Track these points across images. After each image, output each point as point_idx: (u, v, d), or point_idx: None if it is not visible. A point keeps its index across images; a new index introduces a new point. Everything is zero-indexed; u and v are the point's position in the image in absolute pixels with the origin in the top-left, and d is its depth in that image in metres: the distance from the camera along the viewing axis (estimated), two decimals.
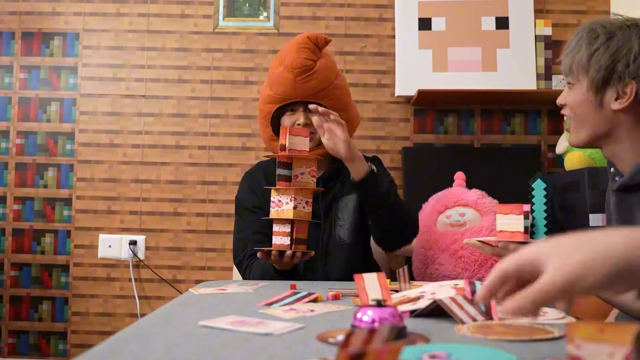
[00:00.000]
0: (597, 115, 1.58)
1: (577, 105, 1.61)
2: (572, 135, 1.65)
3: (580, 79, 1.59)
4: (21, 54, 3.31)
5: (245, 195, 2.39)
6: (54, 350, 3.19)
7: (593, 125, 1.59)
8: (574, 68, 1.60)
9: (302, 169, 2.01)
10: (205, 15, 3.32)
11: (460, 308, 1.18)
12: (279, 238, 1.98)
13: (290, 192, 1.97)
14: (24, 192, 3.26)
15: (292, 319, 1.20)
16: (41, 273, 3.22)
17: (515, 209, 1.66)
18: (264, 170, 2.42)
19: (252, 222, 2.30)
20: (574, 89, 1.62)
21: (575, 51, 1.61)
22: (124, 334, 1.06)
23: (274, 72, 2.27)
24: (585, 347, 0.68)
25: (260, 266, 2.14)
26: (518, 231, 1.65)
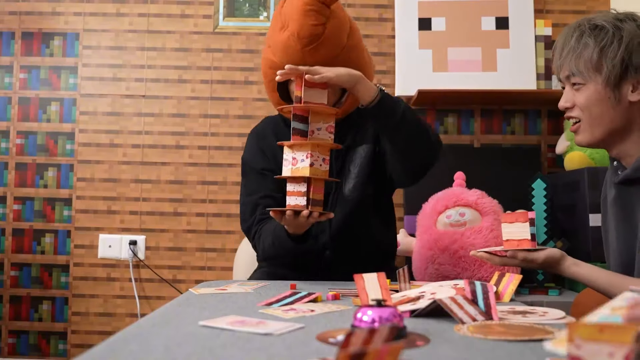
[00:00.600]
0: (614, 111, 1.56)
1: (592, 105, 1.58)
2: (584, 135, 1.62)
3: (591, 77, 1.57)
4: (21, 54, 3.31)
5: (253, 157, 2.23)
6: (54, 350, 3.19)
7: (610, 122, 1.57)
8: (582, 67, 1.57)
9: (318, 124, 1.84)
10: (206, 15, 3.32)
11: (460, 308, 1.18)
12: (294, 198, 1.81)
13: (307, 148, 1.80)
14: (24, 192, 3.26)
15: (292, 319, 1.21)
16: (41, 273, 3.22)
17: (520, 216, 1.64)
18: (273, 127, 2.25)
19: (261, 186, 2.15)
20: (583, 89, 1.58)
21: (580, 50, 1.57)
22: (124, 334, 1.06)
23: (278, 37, 2.01)
24: (585, 347, 0.68)
25: (271, 231, 2.01)
26: (525, 239, 1.63)
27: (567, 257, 1.62)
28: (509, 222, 1.67)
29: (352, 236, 2.12)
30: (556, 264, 1.62)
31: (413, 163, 2.01)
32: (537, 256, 1.62)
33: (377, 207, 2.22)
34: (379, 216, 2.22)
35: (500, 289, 1.49)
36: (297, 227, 1.86)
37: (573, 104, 1.62)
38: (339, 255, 2.10)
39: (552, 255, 1.61)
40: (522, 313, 1.26)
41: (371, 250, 2.16)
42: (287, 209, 1.78)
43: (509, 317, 1.22)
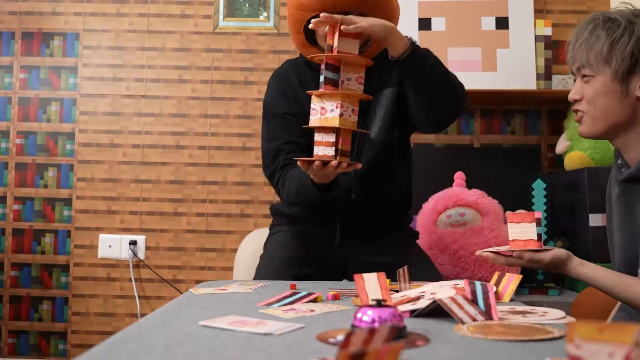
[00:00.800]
0: (620, 104, 1.55)
1: (599, 97, 1.56)
2: (587, 126, 1.61)
3: (600, 70, 1.55)
4: (21, 54, 3.31)
5: (275, 100, 2.18)
6: (54, 350, 3.19)
7: (615, 115, 1.56)
8: (592, 59, 1.56)
9: (349, 74, 1.79)
10: (206, 15, 3.32)
11: (460, 308, 1.18)
12: (322, 148, 1.77)
13: (337, 98, 1.76)
14: (24, 192, 3.26)
15: (292, 319, 1.20)
16: (41, 273, 3.23)
17: (526, 217, 1.62)
18: (296, 71, 2.20)
19: (283, 131, 2.12)
20: (592, 81, 1.57)
21: (592, 42, 1.56)
22: (124, 334, 1.06)
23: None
24: (585, 347, 0.68)
25: (296, 179, 1.99)
26: (531, 239, 1.61)
27: (573, 258, 1.61)
28: (515, 222, 1.65)
29: (378, 179, 2.13)
30: (563, 264, 1.60)
31: (438, 113, 2.02)
32: (544, 257, 1.60)
33: (401, 150, 2.23)
34: (402, 160, 2.23)
35: (500, 289, 1.49)
36: (323, 177, 1.85)
37: (582, 96, 1.60)
38: (364, 199, 2.11)
39: (558, 256, 1.60)
40: (522, 313, 1.26)
41: (394, 194, 2.19)
42: (315, 159, 1.76)
43: (509, 317, 1.22)
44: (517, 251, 1.63)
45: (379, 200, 2.14)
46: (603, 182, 2.56)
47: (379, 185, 2.14)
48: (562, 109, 3.16)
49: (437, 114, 2.01)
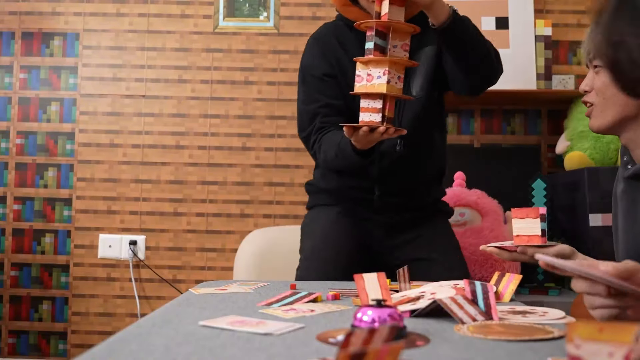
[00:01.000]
0: (628, 97, 1.49)
1: (607, 89, 1.51)
2: (596, 119, 1.57)
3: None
4: (21, 54, 3.31)
5: (314, 61, 2.17)
6: (54, 350, 3.19)
7: (622, 107, 1.51)
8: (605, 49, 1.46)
9: (395, 41, 1.78)
10: (206, 15, 3.32)
11: (460, 308, 1.18)
12: (368, 115, 1.78)
13: (385, 65, 1.75)
14: (24, 192, 3.26)
15: (292, 318, 1.21)
16: (41, 273, 3.23)
17: (531, 212, 1.61)
18: (335, 33, 2.17)
19: (321, 93, 2.12)
20: (602, 73, 1.52)
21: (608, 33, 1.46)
22: (124, 334, 1.06)
23: None
24: (584, 346, 0.68)
25: (335, 144, 2.00)
26: (535, 235, 1.59)
27: (577, 254, 1.58)
28: (519, 218, 1.62)
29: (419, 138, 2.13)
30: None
31: (475, 80, 2.06)
32: (547, 252, 1.56)
33: (439, 111, 2.24)
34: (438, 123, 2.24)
35: (500, 289, 1.49)
36: (366, 143, 1.85)
37: (591, 87, 1.56)
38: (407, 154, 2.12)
39: (562, 252, 1.56)
40: (522, 313, 1.26)
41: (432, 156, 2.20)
42: (362, 125, 1.76)
43: (508, 317, 1.22)
44: (521, 246, 1.61)
45: (420, 159, 2.14)
46: (603, 182, 2.56)
47: (419, 145, 2.14)
48: (562, 109, 3.15)
49: (474, 80, 2.06)
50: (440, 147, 2.26)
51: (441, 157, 2.28)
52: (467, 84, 2.08)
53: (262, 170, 3.24)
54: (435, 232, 2.20)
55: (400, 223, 2.19)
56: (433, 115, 2.21)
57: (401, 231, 2.18)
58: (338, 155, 2.01)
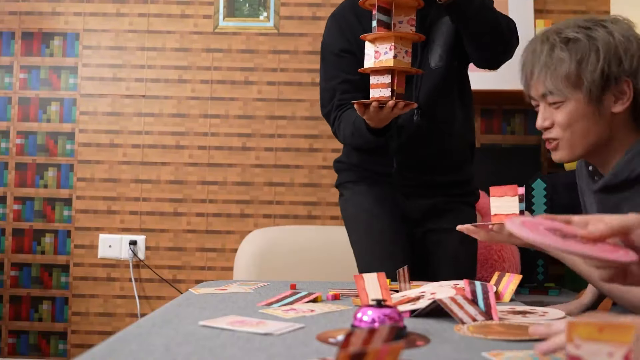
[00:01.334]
0: (598, 125, 1.49)
1: (574, 122, 1.49)
2: (565, 152, 1.54)
3: (570, 94, 1.48)
4: (21, 54, 3.31)
5: (332, 39, 2.17)
6: (54, 350, 3.19)
7: (594, 136, 1.50)
8: (560, 85, 1.48)
9: (400, 17, 1.77)
10: (206, 15, 3.32)
11: (460, 308, 1.18)
12: (378, 90, 1.78)
13: (390, 40, 1.75)
14: (24, 192, 3.26)
15: (292, 318, 1.21)
16: (41, 273, 3.23)
17: (509, 190, 1.53)
18: (353, 9, 2.12)
19: (340, 69, 2.12)
20: (563, 106, 1.50)
21: (555, 66, 1.48)
22: (124, 334, 1.06)
23: None
24: (584, 346, 0.68)
25: (351, 122, 2.01)
26: (513, 213, 1.50)
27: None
28: (497, 197, 1.56)
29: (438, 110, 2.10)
30: None
31: (486, 54, 2.04)
32: None
33: (461, 83, 2.19)
34: (461, 97, 2.19)
35: (500, 289, 1.49)
36: (379, 120, 1.84)
37: (552, 122, 1.53)
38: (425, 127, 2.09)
39: None
40: (522, 313, 1.26)
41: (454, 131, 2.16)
42: (372, 101, 1.76)
43: (508, 317, 1.22)
44: (497, 224, 1.52)
45: (440, 134, 2.11)
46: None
47: (439, 117, 2.11)
48: None
49: (486, 54, 2.04)
50: (463, 122, 2.20)
51: (466, 134, 2.23)
52: (481, 56, 2.06)
53: (262, 170, 3.24)
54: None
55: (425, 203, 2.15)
56: (453, 88, 2.17)
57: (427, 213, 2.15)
58: (354, 134, 2.02)
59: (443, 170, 2.17)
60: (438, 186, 2.16)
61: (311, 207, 3.23)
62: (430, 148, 2.13)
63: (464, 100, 2.21)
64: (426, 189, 2.15)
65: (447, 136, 2.14)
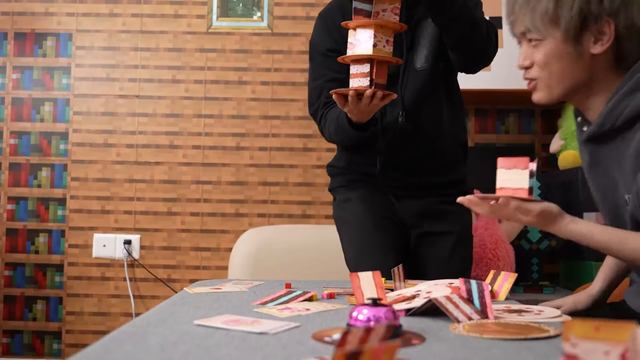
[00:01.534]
0: (576, 65, 1.45)
1: (552, 61, 1.45)
2: (543, 93, 1.51)
3: (548, 32, 1.44)
4: (14, 55, 3.30)
5: (319, 38, 2.15)
6: (48, 350, 3.19)
7: (572, 78, 1.46)
8: (538, 22, 1.43)
9: (384, 4, 1.72)
10: (199, 15, 3.31)
11: (455, 307, 1.18)
12: (357, 80, 1.73)
13: (370, 27, 1.70)
14: (18, 192, 3.25)
15: (287, 317, 1.20)
16: (35, 273, 3.22)
17: (519, 163, 1.41)
18: (341, 8, 2.12)
19: (326, 68, 2.09)
20: (541, 45, 1.46)
21: (534, 3, 1.44)
22: (118, 334, 1.05)
23: None
24: (581, 345, 0.68)
25: (335, 118, 1.99)
26: (521, 188, 1.40)
27: (565, 215, 1.42)
28: (506, 169, 1.45)
29: (424, 112, 2.07)
30: (552, 219, 1.41)
31: (464, 56, 2.03)
32: (532, 207, 1.40)
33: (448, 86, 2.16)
34: (449, 97, 2.16)
35: (496, 288, 1.49)
36: (360, 112, 1.81)
37: (532, 62, 1.49)
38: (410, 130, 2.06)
39: (549, 210, 1.40)
40: (518, 312, 1.26)
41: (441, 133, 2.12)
42: (350, 90, 1.73)
43: (504, 315, 1.22)
44: (503, 197, 1.41)
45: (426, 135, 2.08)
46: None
47: (425, 118, 2.08)
48: (555, 109, 3.16)
49: (464, 57, 2.02)
50: (451, 122, 2.16)
51: (457, 134, 2.20)
52: (460, 60, 2.04)
53: (256, 169, 3.24)
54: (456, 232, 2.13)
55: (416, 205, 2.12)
56: (440, 89, 2.14)
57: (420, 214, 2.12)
58: (337, 130, 2.00)
59: (433, 171, 2.14)
60: (430, 187, 2.13)
61: (305, 207, 3.23)
62: (417, 150, 2.10)
63: (452, 100, 2.18)
64: (417, 190, 2.13)
65: (434, 137, 2.11)
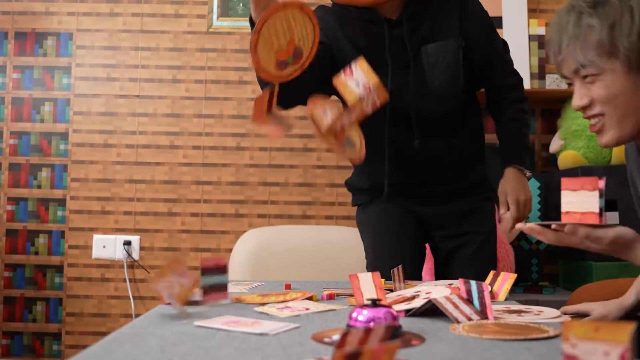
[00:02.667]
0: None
1: (617, 96, 1.30)
2: (612, 133, 1.34)
3: (606, 64, 1.29)
4: (14, 54, 3.30)
5: None
6: (48, 351, 3.18)
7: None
8: (592, 56, 1.29)
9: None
10: (199, 15, 3.31)
11: (455, 307, 1.18)
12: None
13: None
14: (18, 193, 3.25)
15: (287, 318, 1.20)
16: (35, 274, 3.22)
17: (587, 183, 1.26)
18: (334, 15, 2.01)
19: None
20: (600, 80, 1.30)
21: (584, 35, 1.29)
22: (118, 335, 1.05)
23: None
24: (580, 346, 0.68)
25: None
26: (591, 212, 1.24)
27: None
28: (571, 190, 1.29)
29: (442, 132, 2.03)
30: (627, 247, 1.25)
31: None
32: (605, 234, 1.23)
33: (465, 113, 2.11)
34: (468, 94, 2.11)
35: (495, 288, 1.49)
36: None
37: (590, 100, 1.33)
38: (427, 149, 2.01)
39: (623, 235, 1.24)
40: (518, 312, 1.26)
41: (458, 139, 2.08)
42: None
43: (504, 316, 1.22)
44: (570, 225, 1.25)
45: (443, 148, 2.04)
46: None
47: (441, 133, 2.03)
48: (555, 108, 3.16)
49: None
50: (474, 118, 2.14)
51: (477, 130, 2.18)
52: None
53: (256, 170, 3.24)
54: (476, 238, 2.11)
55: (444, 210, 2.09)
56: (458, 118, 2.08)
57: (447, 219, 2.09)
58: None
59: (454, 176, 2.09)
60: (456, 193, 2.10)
61: (306, 207, 3.22)
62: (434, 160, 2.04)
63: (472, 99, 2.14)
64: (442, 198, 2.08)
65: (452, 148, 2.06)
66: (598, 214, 1.24)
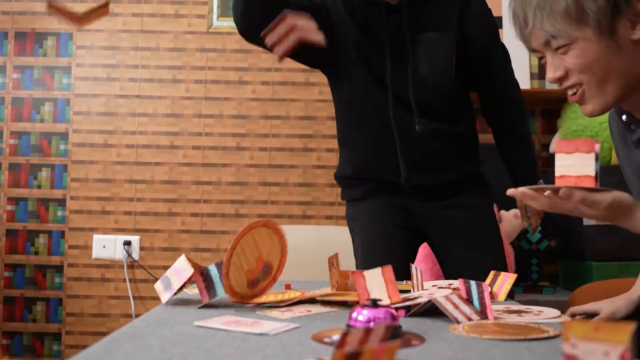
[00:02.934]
0: (620, 58, 1.23)
1: (593, 62, 1.24)
2: (595, 101, 1.28)
3: (577, 31, 1.22)
4: (14, 54, 3.30)
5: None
6: (48, 351, 3.19)
7: (622, 73, 1.24)
8: (561, 25, 1.22)
9: None
10: (199, 15, 3.31)
11: (455, 307, 1.18)
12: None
13: None
14: (18, 193, 3.25)
15: (287, 318, 1.20)
16: (35, 274, 3.22)
17: (582, 145, 1.19)
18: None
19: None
20: (573, 49, 1.24)
21: (549, 5, 1.23)
22: (118, 335, 1.05)
23: None
24: (580, 346, 0.68)
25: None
26: (586, 175, 1.19)
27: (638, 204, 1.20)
28: (565, 153, 1.23)
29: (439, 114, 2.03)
30: (626, 211, 1.20)
31: None
32: (602, 198, 1.18)
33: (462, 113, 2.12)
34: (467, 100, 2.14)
35: (495, 289, 1.49)
36: None
37: (566, 70, 1.28)
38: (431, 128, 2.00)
39: (620, 199, 1.18)
40: (518, 312, 1.26)
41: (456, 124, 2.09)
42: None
43: (504, 316, 1.22)
44: (564, 188, 1.19)
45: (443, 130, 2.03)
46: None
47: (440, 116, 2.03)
48: (555, 108, 3.16)
49: None
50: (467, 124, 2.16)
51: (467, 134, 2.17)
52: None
53: (256, 170, 3.24)
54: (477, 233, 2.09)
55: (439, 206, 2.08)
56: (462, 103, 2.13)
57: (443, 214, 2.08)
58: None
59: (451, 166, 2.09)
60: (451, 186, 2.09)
61: (306, 207, 3.22)
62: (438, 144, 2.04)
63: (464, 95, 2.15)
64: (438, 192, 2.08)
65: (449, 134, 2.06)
66: (594, 177, 1.18)
